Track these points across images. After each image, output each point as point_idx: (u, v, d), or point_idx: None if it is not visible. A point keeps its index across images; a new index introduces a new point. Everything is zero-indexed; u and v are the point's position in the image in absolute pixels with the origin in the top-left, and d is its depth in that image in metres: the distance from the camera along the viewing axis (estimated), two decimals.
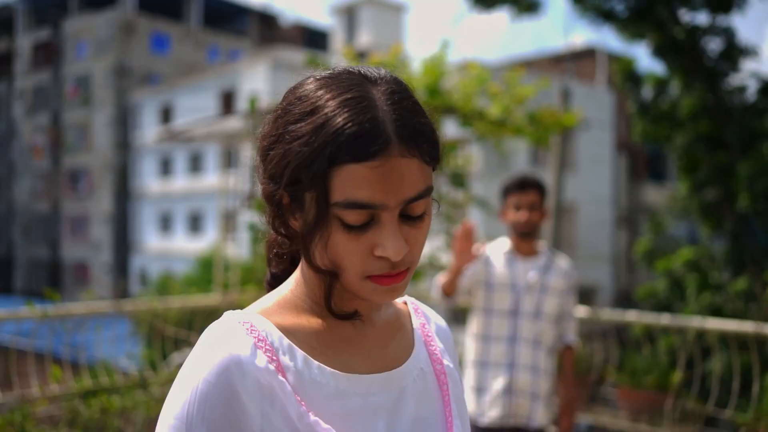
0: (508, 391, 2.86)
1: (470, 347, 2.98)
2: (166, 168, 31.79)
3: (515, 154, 20.72)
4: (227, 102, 27.80)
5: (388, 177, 0.80)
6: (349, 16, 30.28)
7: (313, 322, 0.90)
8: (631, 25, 10.97)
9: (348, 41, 28.47)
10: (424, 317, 1.04)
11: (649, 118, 12.13)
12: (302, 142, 0.81)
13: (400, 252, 0.81)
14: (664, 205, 17.52)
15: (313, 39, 38.40)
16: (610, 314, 4.09)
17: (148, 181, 32.17)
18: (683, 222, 16.35)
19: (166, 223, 31.51)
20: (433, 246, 4.96)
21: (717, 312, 9.88)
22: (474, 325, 2.99)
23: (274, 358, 0.83)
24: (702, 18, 11.36)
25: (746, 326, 3.56)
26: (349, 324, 0.92)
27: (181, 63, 35.02)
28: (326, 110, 0.81)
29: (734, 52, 11.17)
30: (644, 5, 10.80)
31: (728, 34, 11.20)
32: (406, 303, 1.05)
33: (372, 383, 0.88)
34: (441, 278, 2.95)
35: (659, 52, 11.17)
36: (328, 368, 0.86)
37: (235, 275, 5.05)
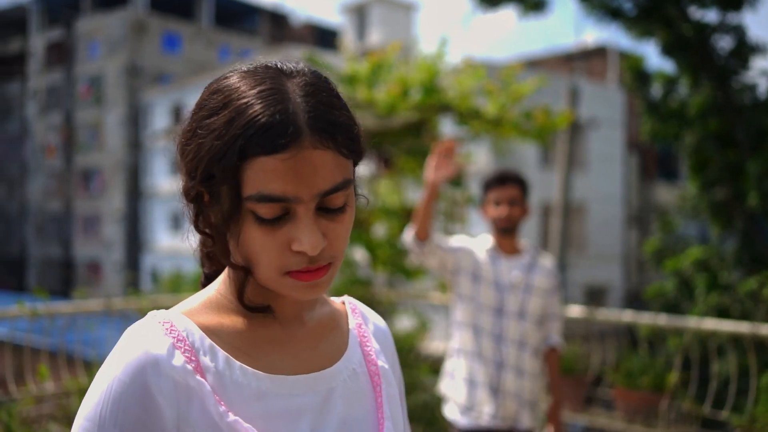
0: (496, 390, 2.81)
1: (460, 336, 2.91)
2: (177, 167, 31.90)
3: (524, 153, 20.67)
4: None
5: (300, 169, 0.78)
6: (360, 15, 30.28)
7: (238, 322, 0.89)
8: (639, 23, 10.89)
9: (358, 40, 28.48)
10: (361, 317, 1.02)
11: (658, 117, 12.04)
12: (214, 136, 0.80)
13: (317, 246, 0.80)
14: (675, 204, 17.40)
15: (324, 38, 38.45)
16: (606, 314, 4.05)
17: (160, 180, 32.33)
18: (695, 221, 16.23)
19: (176, 222, 31.66)
20: None
21: (724, 313, 9.78)
22: (461, 312, 2.91)
23: (193, 358, 0.82)
24: (712, 15, 11.25)
25: (742, 327, 3.52)
26: (277, 324, 0.90)
27: (193, 62, 35.17)
28: (238, 103, 0.80)
29: (744, 49, 11.07)
30: (652, 3, 10.71)
31: (739, 31, 11.10)
32: (344, 303, 1.04)
33: (296, 384, 0.87)
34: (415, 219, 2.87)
35: (668, 50, 11.09)
36: (251, 369, 0.85)
37: None
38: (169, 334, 0.83)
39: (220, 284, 0.92)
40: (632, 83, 12.47)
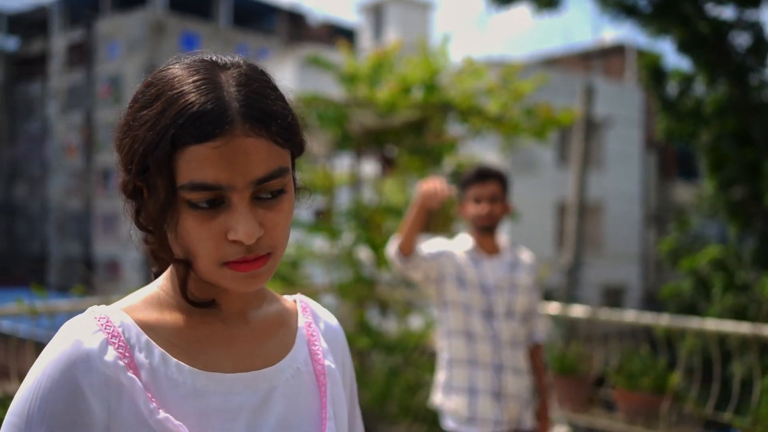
0: (498, 395, 2.74)
1: (450, 344, 2.80)
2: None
3: (540, 152, 20.55)
4: None
5: (232, 157, 0.78)
6: (376, 14, 30.27)
7: (178, 318, 0.88)
8: (655, 20, 10.78)
9: (375, 39, 28.49)
10: (311, 316, 1.01)
11: (673, 115, 11.91)
12: (147, 127, 0.80)
13: (252, 234, 0.79)
14: (693, 203, 17.22)
15: (341, 37, 38.51)
16: (609, 314, 4.02)
17: None
18: (714, 221, 16.03)
19: None
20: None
21: (741, 314, 9.65)
22: (451, 320, 2.80)
23: (127, 354, 0.81)
24: (729, 12, 11.10)
25: (743, 327, 3.46)
26: (219, 321, 0.90)
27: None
28: (170, 94, 0.80)
29: (762, 46, 10.92)
30: (668, 0, 10.59)
31: (756, 28, 10.94)
32: (295, 301, 1.03)
33: (235, 382, 0.86)
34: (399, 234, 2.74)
35: (684, 47, 10.96)
36: (187, 366, 0.84)
37: None
38: (104, 329, 0.82)
39: (164, 280, 0.91)
40: (647, 81, 12.35)
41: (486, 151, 9.13)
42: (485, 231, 2.83)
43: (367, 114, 4.23)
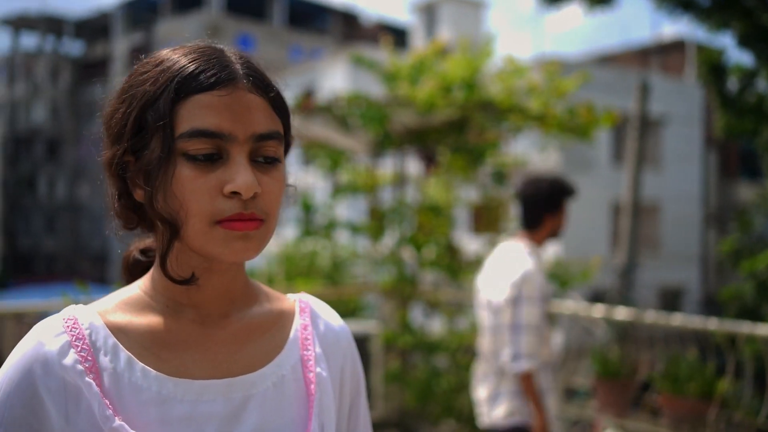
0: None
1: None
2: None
3: (595, 151, 20.14)
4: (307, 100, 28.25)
5: (235, 107, 0.79)
6: (429, 14, 30.19)
7: (153, 320, 0.84)
8: (715, 13, 10.42)
9: (428, 38, 28.43)
10: (309, 317, 0.94)
11: (734, 112, 11.51)
12: (148, 84, 0.81)
13: (251, 186, 0.77)
14: (757, 203, 16.59)
15: (394, 37, 38.56)
16: (655, 317, 3.89)
17: None
18: None
19: None
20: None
21: None
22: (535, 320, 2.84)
23: (89, 358, 0.79)
24: None
25: None
26: (197, 324, 0.85)
27: (265, 62, 35.91)
28: (173, 57, 0.83)
29: None
30: None
31: None
32: (295, 301, 0.97)
33: (206, 389, 0.81)
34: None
35: (745, 41, 10.57)
36: (154, 371, 0.80)
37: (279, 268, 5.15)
38: (69, 331, 0.80)
39: (144, 281, 0.88)
40: (706, 77, 11.97)
41: (532, 152, 9.00)
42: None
43: (407, 113, 4.21)
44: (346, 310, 5.51)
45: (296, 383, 0.88)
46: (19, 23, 43.53)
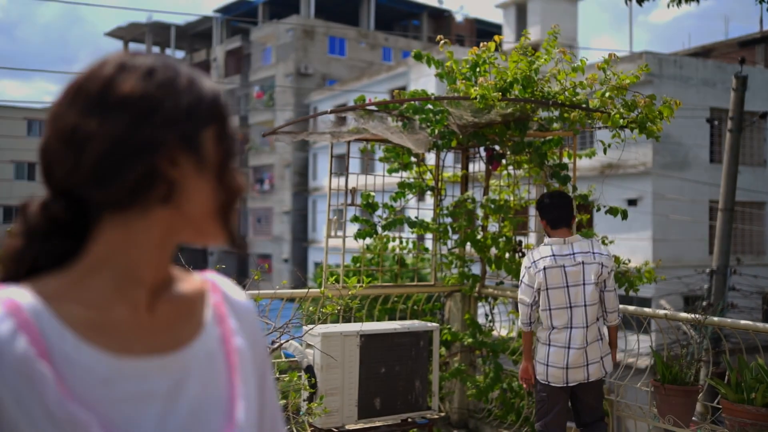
0: None
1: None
2: (341, 166, 33.09)
3: (694, 150, 19.25)
4: None
5: None
6: (519, 10, 29.74)
7: (94, 300, 0.84)
8: None
9: (518, 35, 28.01)
10: (221, 295, 0.98)
11: None
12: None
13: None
14: None
15: (485, 34, 38.19)
16: (718, 321, 3.71)
17: (325, 178, 33.74)
18: None
19: (338, 219, 32.80)
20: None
21: None
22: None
23: (38, 341, 0.78)
24: None
25: None
26: (131, 305, 0.87)
27: (356, 64, 36.36)
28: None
29: None
30: None
31: None
32: (205, 280, 0.99)
33: (148, 367, 0.84)
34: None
35: None
36: (99, 351, 0.81)
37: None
38: (14, 315, 0.78)
39: (83, 263, 0.86)
40: None
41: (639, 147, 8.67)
42: None
43: (466, 111, 4.20)
44: (413, 310, 5.54)
45: (220, 356, 0.92)
46: (128, 35, 45.85)
